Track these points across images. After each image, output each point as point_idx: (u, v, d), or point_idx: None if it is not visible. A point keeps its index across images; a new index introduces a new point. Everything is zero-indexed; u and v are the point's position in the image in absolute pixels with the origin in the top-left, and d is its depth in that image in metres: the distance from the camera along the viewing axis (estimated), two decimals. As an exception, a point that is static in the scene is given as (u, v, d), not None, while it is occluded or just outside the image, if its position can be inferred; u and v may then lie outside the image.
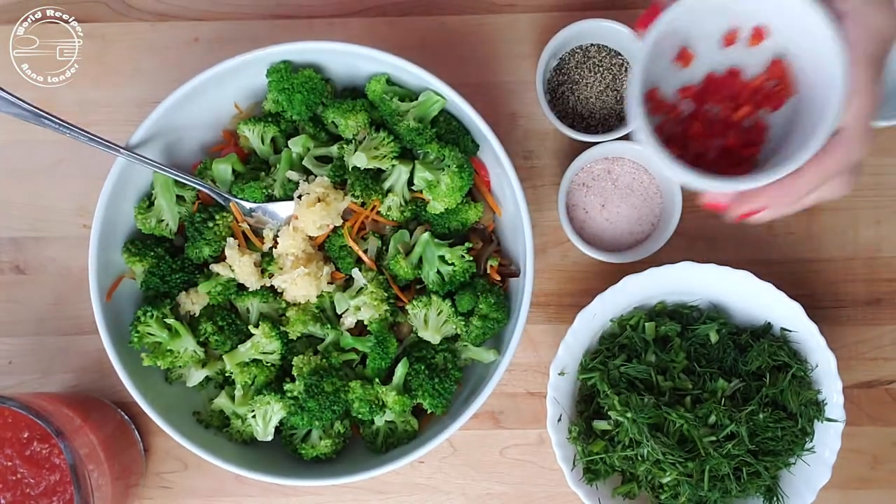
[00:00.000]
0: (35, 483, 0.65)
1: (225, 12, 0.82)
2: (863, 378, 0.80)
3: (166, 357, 0.70)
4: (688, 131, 0.51)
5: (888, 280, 0.80)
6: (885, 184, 0.81)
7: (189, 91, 0.68)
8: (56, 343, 0.80)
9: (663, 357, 0.73)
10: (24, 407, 0.65)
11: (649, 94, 0.51)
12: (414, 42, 0.81)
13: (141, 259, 0.71)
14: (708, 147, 0.52)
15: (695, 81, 0.51)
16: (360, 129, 0.71)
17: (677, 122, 0.52)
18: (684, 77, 0.51)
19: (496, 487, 0.80)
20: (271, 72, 0.71)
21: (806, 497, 0.72)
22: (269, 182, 0.71)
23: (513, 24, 0.81)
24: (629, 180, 0.78)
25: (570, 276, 0.81)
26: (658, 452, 0.69)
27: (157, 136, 0.70)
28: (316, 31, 0.82)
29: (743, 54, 0.51)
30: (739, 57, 0.51)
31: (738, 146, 0.51)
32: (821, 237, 0.80)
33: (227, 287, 0.71)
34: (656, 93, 0.51)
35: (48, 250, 0.81)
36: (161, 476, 0.80)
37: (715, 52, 0.51)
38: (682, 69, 0.51)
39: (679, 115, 0.52)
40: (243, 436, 0.73)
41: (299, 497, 0.80)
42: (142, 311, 0.69)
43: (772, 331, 0.75)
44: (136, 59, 0.81)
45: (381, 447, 0.73)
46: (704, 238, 0.80)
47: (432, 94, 0.70)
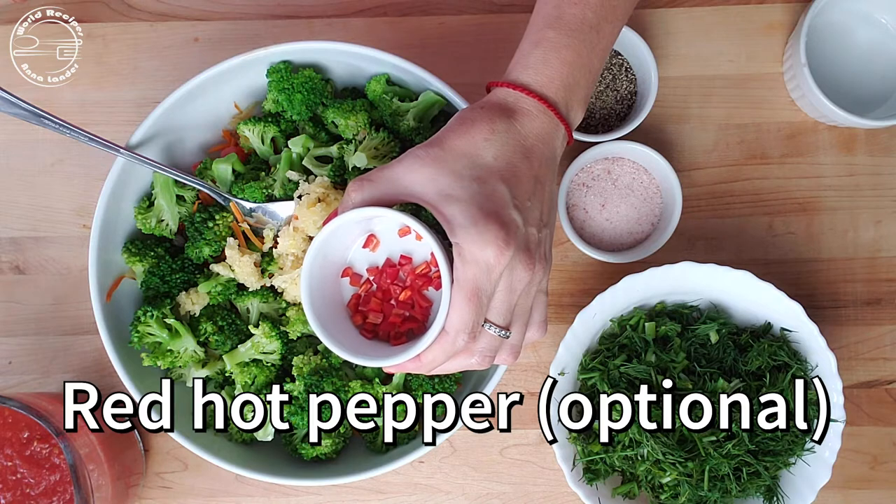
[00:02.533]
0: (35, 483, 0.65)
1: (225, 12, 0.82)
2: (863, 378, 0.80)
3: (166, 357, 0.70)
4: (366, 305, 0.62)
5: (888, 280, 0.80)
6: (885, 184, 0.81)
7: (189, 91, 0.68)
8: (56, 343, 0.81)
9: (663, 357, 0.73)
10: (25, 407, 0.65)
11: (346, 271, 0.62)
12: (414, 42, 0.81)
13: (141, 259, 0.71)
14: (386, 319, 0.62)
15: (378, 263, 0.62)
16: (360, 129, 0.71)
17: (368, 297, 0.62)
18: (371, 259, 0.62)
19: (496, 487, 0.80)
20: (271, 72, 0.71)
21: (806, 497, 0.72)
22: (269, 182, 0.71)
23: (513, 24, 0.81)
24: (629, 180, 0.78)
25: (570, 276, 0.81)
26: (658, 452, 0.69)
27: (157, 136, 0.70)
28: (316, 31, 0.82)
29: (414, 244, 0.61)
30: (412, 246, 0.61)
31: (398, 322, 0.61)
32: (821, 237, 0.80)
33: (227, 287, 0.71)
34: (350, 269, 0.62)
35: (48, 250, 0.81)
36: (161, 476, 0.80)
37: (394, 241, 0.62)
38: (370, 253, 0.62)
39: (369, 289, 0.62)
40: (243, 436, 0.73)
41: (299, 497, 0.80)
42: (142, 311, 0.69)
43: (772, 331, 0.75)
44: (136, 59, 0.81)
45: (381, 447, 0.73)
46: (704, 238, 0.80)
47: (432, 94, 0.70)
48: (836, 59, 0.79)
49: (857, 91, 0.79)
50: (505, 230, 0.53)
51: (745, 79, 0.81)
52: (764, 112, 0.81)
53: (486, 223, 0.53)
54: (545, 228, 0.58)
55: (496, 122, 0.56)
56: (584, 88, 0.60)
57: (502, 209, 0.54)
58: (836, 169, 0.81)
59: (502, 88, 0.58)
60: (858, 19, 0.79)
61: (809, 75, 0.74)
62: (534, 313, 0.59)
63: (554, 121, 0.58)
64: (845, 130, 0.81)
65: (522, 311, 0.57)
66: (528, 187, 0.56)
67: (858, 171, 0.80)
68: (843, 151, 0.81)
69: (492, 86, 0.59)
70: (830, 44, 0.79)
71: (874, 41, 0.79)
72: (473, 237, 0.53)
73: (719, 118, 0.81)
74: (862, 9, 0.79)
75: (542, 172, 0.57)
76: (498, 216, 0.54)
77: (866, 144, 0.81)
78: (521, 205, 0.55)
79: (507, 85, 0.58)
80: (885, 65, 0.79)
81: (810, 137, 0.81)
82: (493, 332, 0.56)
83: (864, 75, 0.79)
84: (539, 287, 0.58)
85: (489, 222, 0.53)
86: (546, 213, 0.58)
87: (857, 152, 0.81)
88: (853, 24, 0.79)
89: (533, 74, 0.58)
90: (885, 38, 0.79)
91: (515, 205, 0.55)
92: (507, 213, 0.54)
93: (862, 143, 0.81)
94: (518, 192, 0.55)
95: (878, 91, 0.79)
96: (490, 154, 0.55)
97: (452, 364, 0.57)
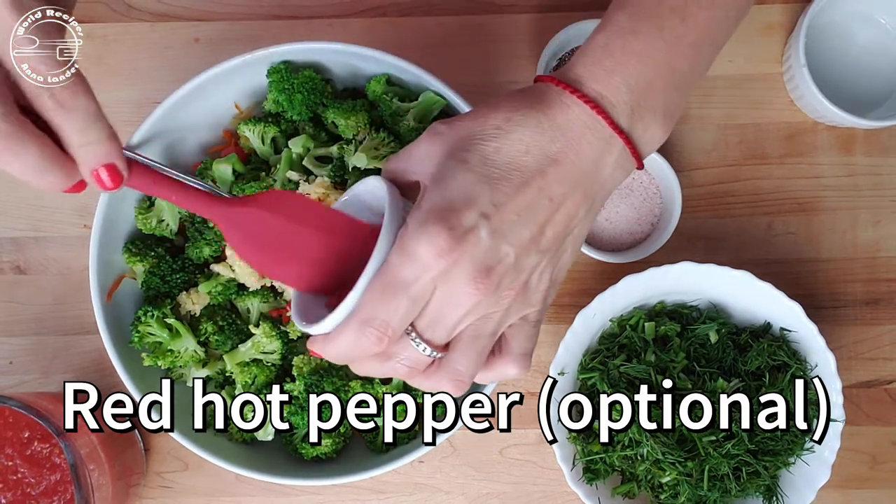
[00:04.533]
0: (35, 483, 0.65)
1: (225, 12, 0.82)
2: (862, 378, 0.80)
3: (167, 357, 0.70)
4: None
5: (888, 280, 0.80)
6: (884, 184, 0.81)
7: (189, 91, 0.68)
8: (56, 343, 0.81)
9: (663, 357, 0.73)
10: (25, 406, 0.65)
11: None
12: (414, 42, 0.81)
13: (141, 259, 0.71)
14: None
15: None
16: (360, 129, 0.71)
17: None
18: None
19: (496, 487, 0.80)
20: (271, 72, 0.71)
21: (805, 496, 0.72)
22: (270, 182, 0.71)
23: (513, 24, 0.81)
24: (629, 180, 0.78)
25: (569, 276, 0.81)
26: (658, 452, 0.70)
27: (158, 137, 0.70)
28: (316, 31, 0.82)
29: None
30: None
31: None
32: (820, 237, 0.81)
33: (227, 287, 0.71)
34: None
35: (49, 250, 0.81)
36: (161, 476, 0.80)
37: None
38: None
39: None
40: (243, 436, 0.73)
41: (299, 497, 0.80)
42: (142, 311, 0.70)
43: (771, 331, 0.75)
44: (136, 59, 0.81)
45: (381, 447, 0.73)
46: (704, 238, 0.80)
47: (432, 94, 0.70)
48: (835, 59, 0.79)
49: (856, 91, 0.79)
50: (450, 234, 0.44)
51: (745, 79, 0.81)
52: (763, 112, 0.81)
53: (435, 218, 0.44)
54: (541, 255, 0.47)
55: (519, 112, 0.46)
56: (662, 94, 0.47)
57: (463, 209, 0.44)
58: (836, 169, 0.81)
59: (547, 83, 0.47)
60: (858, 19, 0.79)
61: (809, 76, 0.74)
62: (511, 342, 0.49)
63: (603, 129, 0.46)
64: (845, 131, 0.81)
65: (476, 335, 0.47)
66: (525, 200, 0.45)
67: (858, 172, 0.81)
68: (843, 152, 0.81)
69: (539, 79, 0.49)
70: (830, 44, 0.79)
71: (874, 41, 0.79)
72: (417, 226, 0.44)
73: (719, 118, 0.81)
74: (861, 9, 0.79)
75: (559, 191, 0.46)
76: (452, 215, 0.44)
77: (865, 145, 0.81)
78: (499, 216, 0.45)
79: (553, 81, 0.47)
80: (885, 65, 0.79)
81: (809, 138, 0.81)
82: (413, 343, 0.47)
83: (863, 76, 0.79)
84: (525, 317, 0.49)
85: (437, 219, 0.44)
86: (550, 240, 0.47)
87: (857, 153, 0.81)
88: (852, 24, 0.79)
89: (589, 66, 0.46)
90: (885, 38, 0.79)
91: (486, 212, 0.45)
92: (465, 215, 0.44)
93: (861, 144, 0.81)
94: (502, 198, 0.45)
95: (878, 91, 0.79)
96: (493, 145, 0.46)
97: (369, 365, 0.48)
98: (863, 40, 0.79)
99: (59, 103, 0.43)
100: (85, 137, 0.43)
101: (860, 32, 0.79)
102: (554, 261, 0.48)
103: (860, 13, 0.79)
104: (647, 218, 0.78)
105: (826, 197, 0.81)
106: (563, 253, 0.48)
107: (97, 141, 0.44)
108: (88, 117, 0.43)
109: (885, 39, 0.79)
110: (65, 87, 0.43)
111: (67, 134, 0.43)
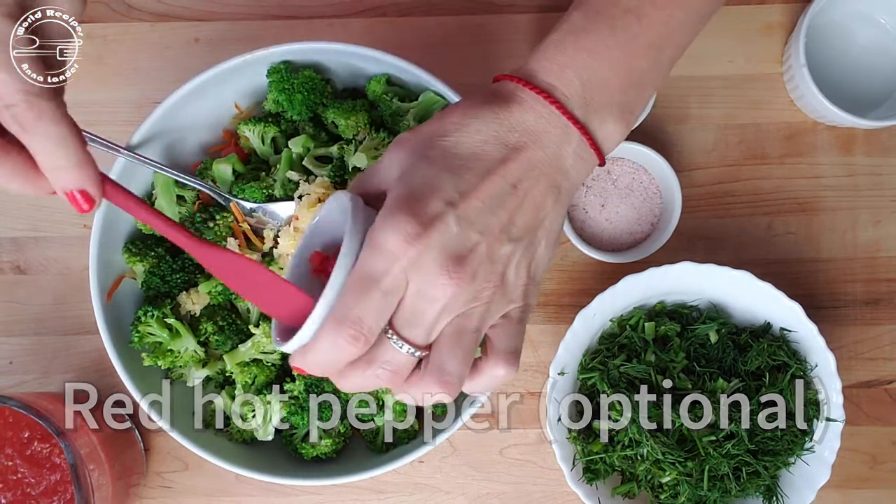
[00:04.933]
0: (35, 483, 0.65)
1: (225, 12, 0.82)
2: (862, 378, 0.80)
3: (167, 357, 0.70)
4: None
5: (888, 280, 0.80)
6: (884, 184, 0.81)
7: (189, 91, 0.68)
8: (56, 343, 0.81)
9: (663, 357, 0.73)
10: (25, 406, 0.65)
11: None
12: (414, 42, 0.81)
13: (141, 259, 0.71)
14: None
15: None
16: (360, 130, 0.71)
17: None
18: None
19: (496, 487, 0.80)
20: (271, 72, 0.71)
21: (805, 496, 0.72)
22: (270, 182, 0.71)
23: (513, 25, 0.81)
24: (629, 180, 0.78)
25: (569, 276, 0.81)
26: (658, 452, 0.70)
27: (158, 137, 0.70)
28: (316, 31, 0.82)
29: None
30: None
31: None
32: (820, 237, 0.81)
33: (227, 287, 0.71)
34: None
35: (49, 250, 0.81)
36: (161, 476, 0.80)
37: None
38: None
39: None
40: (243, 436, 0.73)
41: (299, 497, 0.80)
42: (142, 311, 0.70)
43: (771, 331, 0.75)
44: (136, 59, 0.81)
45: (381, 447, 0.73)
46: (704, 238, 0.80)
47: (432, 94, 0.70)
48: (835, 59, 0.79)
49: (856, 91, 0.79)
50: (416, 221, 0.44)
51: (745, 79, 0.81)
52: (763, 112, 0.81)
53: (401, 208, 0.44)
54: (514, 245, 0.46)
55: (476, 108, 0.47)
56: (618, 91, 0.48)
57: (428, 197, 0.44)
58: (836, 169, 0.81)
59: (503, 81, 0.49)
60: (858, 20, 0.79)
61: (808, 76, 0.74)
62: (495, 342, 0.48)
63: (558, 119, 0.47)
64: (844, 131, 0.81)
65: (459, 331, 0.46)
66: (489, 188, 0.45)
67: (858, 172, 0.81)
68: (843, 152, 0.81)
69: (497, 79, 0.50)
70: (829, 44, 0.79)
71: (874, 41, 0.79)
72: (384, 218, 0.44)
73: (719, 118, 0.81)
74: (861, 9, 0.79)
75: (523, 179, 0.46)
76: (417, 204, 0.44)
77: (865, 145, 0.81)
78: (465, 203, 0.45)
79: (507, 77, 0.48)
80: (885, 65, 0.79)
81: (809, 138, 0.81)
82: (393, 344, 0.45)
83: (863, 76, 0.79)
84: (508, 313, 0.48)
85: (403, 208, 0.44)
86: (521, 230, 0.46)
87: (857, 153, 0.81)
88: (852, 24, 0.79)
89: (542, 62, 0.48)
90: (885, 38, 0.79)
91: (451, 200, 0.44)
92: (430, 203, 0.44)
93: (861, 144, 0.81)
94: (465, 186, 0.45)
95: (878, 91, 0.79)
96: (453, 139, 0.46)
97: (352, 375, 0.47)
98: (863, 40, 0.79)
99: (22, 126, 0.42)
100: (51, 162, 0.43)
101: (860, 32, 0.79)
102: (528, 253, 0.47)
103: (860, 13, 0.79)
104: (647, 218, 0.78)
105: (826, 197, 0.81)
106: (537, 245, 0.48)
107: (64, 168, 0.43)
108: (53, 142, 0.43)
109: (885, 39, 0.79)
110: (27, 108, 0.42)
111: (35, 156, 0.43)
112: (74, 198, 0.45)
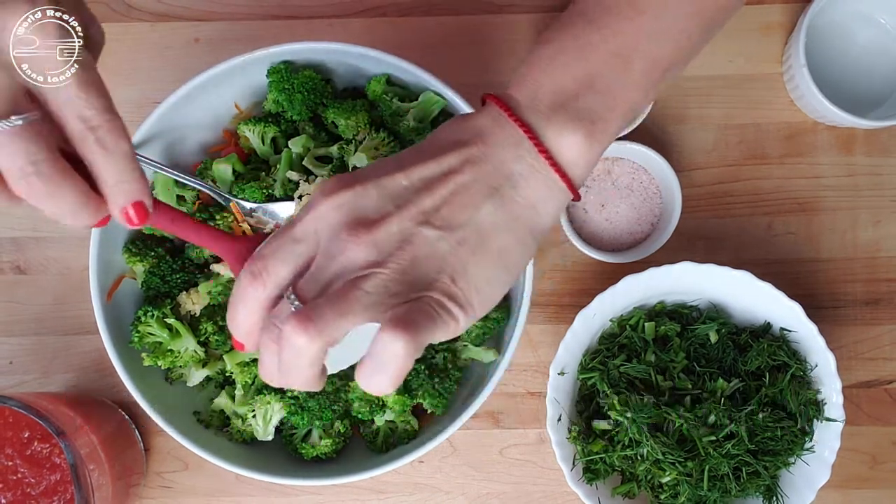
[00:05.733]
0: (35, 483, 0.65)
1: (225, 12, 0.82)
2: (862, 378, 0.80)
3: (167, 357, 0.70)
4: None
5: (888, 280, 0.80)
6: (884, 184, 0.81)
7: (189, 91, 0.68)
8: (56, 343, 0.81)
9: (663, 357, 0.73)
10: (25, 407, 0.65)
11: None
12: (414, 42, 0.81)
13: (141, 259, 0.71)
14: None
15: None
16: (360, 129, 0.71)
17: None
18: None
19: (496, 487, 0.80)
20: (271, 72, 0.71)
21: (805, 496, 0.72)
22: (270, 182, 0.71)
23: (512, 24, 0.82)
24: (629, 180, 0.78)
25: (569, 276, 0.81)
26: (658, 452, 0.70)
27: (157, 136, 0.70)
28: (316, 31, 0.82)
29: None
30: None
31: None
32: (820, 237, 0.81)
33: (227, 287, 0.71)
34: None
35: (49, 250, 0.81)
36: (161, 476, 0.80)
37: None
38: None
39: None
40: (243, 436, 0.73)
41: (299, 497, 0.80)
42: (142, 311, 0.70)
43: (771, 331, 0.75)
44: (136, 59, 0.81)
45: (381, 447, 0.73)
46: (704, 238, 0.80)
47: (432, 94, 0.70)
48: (835, 59, 0.79)
49: (856, 91, 0.79)
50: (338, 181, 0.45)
51: (745, 79, 0.81)
52: (763, 112, 0.81)
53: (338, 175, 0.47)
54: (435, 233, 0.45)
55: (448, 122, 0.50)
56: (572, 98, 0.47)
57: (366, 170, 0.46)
58: (836, 169, 0.81)
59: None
60: (858, 19, 0.79)
61: (808, 76, 0.74)
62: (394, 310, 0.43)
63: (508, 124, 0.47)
64: (844, 131, 0.81)
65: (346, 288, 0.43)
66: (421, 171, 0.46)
67: (858, 172, 0.81)
68: (843, 152, 0.81)
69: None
70: (829, 44, 0.79)
71: (874, 41, 0.79)
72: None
73: (719, 118, 0.81)
74: (861, 9, 0.79)
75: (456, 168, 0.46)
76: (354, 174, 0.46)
77: (865, 145, 0.81)
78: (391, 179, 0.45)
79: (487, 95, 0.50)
80: (885, 65, 0.79)
81: (809, 138, 0.81)
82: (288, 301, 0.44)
83: (863, 76, 0.79)
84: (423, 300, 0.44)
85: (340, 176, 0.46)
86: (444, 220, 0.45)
87: (857, 153, 0.81)
88: (852, 24, 0.79)
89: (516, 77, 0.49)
90: (885, 38, 0.79)
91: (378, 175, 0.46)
92: (360, 174, 0.46)
93: (861, 144, 0.81)
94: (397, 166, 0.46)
95: (878, 91, 0.79)
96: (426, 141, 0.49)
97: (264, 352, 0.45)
98: (863, 40, 0.79)
99: (103, 146, 0.43)
100: (121, 177, 0.44)
101: (860, 32, 0.79)
102: (452, 250, 0.45)
103: (860, 13, 0.79)
104: (647, 218, 0.78)
105: (826, 197, 0.81)
106: (463, 244, 0.45)
107: (130, 180, 0.45)
108: (126, 159, 0.44)
109: (885, 39, 0.79)
110: (109, 131, 0.44)
111: (105, 174, 0.44)
112: (127, 213, 0.46)
